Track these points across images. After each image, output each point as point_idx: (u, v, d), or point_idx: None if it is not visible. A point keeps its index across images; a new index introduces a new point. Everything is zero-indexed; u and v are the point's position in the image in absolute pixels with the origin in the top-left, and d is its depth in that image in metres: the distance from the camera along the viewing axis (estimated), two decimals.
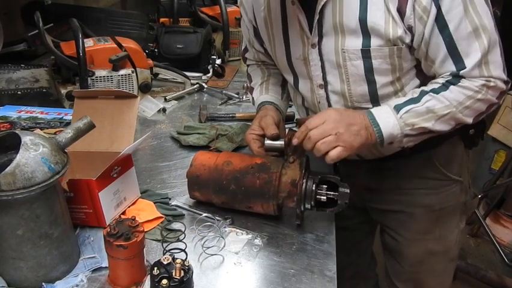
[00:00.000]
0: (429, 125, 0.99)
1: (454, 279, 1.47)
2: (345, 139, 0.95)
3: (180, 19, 2.33)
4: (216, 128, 1.47)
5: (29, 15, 1.75)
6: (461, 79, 0.98)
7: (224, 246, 1.01)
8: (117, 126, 1.19)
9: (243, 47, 1.41)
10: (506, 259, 2.49)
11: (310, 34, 1.05)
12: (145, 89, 1.69)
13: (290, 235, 1.06)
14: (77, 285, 0.88)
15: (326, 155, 0.97)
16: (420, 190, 1.25)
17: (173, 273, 0.80)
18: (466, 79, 0.98)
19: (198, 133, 1.47)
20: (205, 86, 1.91)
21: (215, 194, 1.08)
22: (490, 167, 2.89)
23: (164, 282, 0.79)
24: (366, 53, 1.00)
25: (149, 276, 0.83)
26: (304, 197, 1.02)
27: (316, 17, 1.01)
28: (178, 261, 0.81)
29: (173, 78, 1.91)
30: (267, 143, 1.13)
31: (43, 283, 0.87)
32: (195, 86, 1.89)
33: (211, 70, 2.07)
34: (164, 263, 0.81)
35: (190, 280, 0.83)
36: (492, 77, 0.97)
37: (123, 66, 1.62)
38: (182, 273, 0.81)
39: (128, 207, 1.09)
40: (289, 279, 0.93)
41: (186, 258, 0.85)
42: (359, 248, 1.58)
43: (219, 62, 2.14)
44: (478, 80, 0.97)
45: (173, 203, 1.15)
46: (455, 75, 0.98)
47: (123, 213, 1.07)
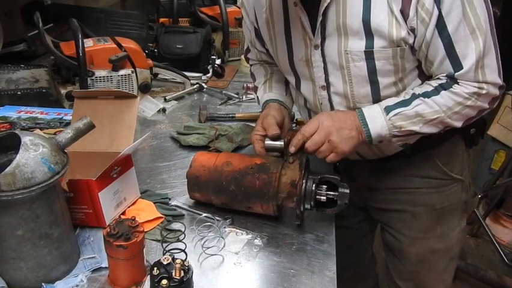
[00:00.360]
0: (416, 128, 1.02)
1: (454, 279, 1.47)
2: (336, 146, 1.03)
3: (180, 19, 2.33)
4: (216, 128, 1.47)
5: (29, 15, 1.75)
6: (453, 84, 0.99)
7: (224, 246, 1.01)
8: (117, 126, 1.19)
9: (245, 47, 1.41)
10: (506, 259, 2.49)
11: (313, 35, 1.05)
12: (145, 89, 1.69)
13: (290, 235, 1.06)
14: (77, 286, 0.88)
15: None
16: (421, 189, 1.26)
17: (173, 274, 0.80)
18: (458, 84, 0.99)
19: (198, 133, 1.47)
20: (205, 86, 1.91)
21: (215, 194, 1.08)
22: (490, 167, 2.90)
23: (164, 282, 0.79)
24: (369, 55, 1.00)
25: (149, 276, 0.83)
26: (304, 198, 1.02)
27: (320, 18, 1.01)
28: (178, 261, 0.81)
29: (173, 78, 1.91)
30: (267, 143, 1.13)
31: (43, 283, 0.87)
32: (195, 86, 1.89)
33: (211, 70, 2.07)
34: (164, 263, 0.81)
35: (190, 280, 0.83)
36: (486, 82, 0.98)
37: (123, 67, 1.62)
38: (182, 274, 0.81)
39: (128, 207, 1.09)
40: (289, 279, 0.93)
41: (186, 258, 0.85)
42: (359, 247, 1.58)
43: (218, 62, 2.14)
44: (471, 85, 0.98)
45: (173, 203, 1.15)
46: (451, 77, 0.99)
47: (123, 213, 1.07)
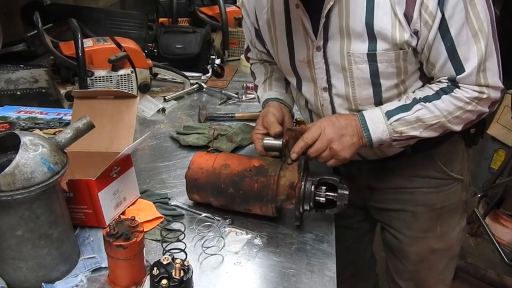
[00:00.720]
0: (416, 133, 1.03)
1: (453, 279, 1.47)
2: (337, 153, 1.04)
3: (179, 19, 2.33)
4: (214, 129, 1.47)
5: (29, 15, 1.74)
6: (455, 88, 1.00)
7: (224, 246, 1.01)
8: (116, 126, 1.19)
9: (245, 47, 1.41)
10: (505, 258, 2.49)
11: (315, 37, 1.05)
12: (145, 89, 1.69)
13: (290, 235, 1.06)
14: (76, 286, 0.88)
15: None
16: (422, 189, 1.26)
17: (173, 273, 0.80)
18: (459, 88, 0.99)
19: (197, 133, 1.47)
20: (205, 86, 1.91)
21: (213, 197, 1.08)
22: (490, 166, 2.90)
23: (164, 282, 0.79)
24: (372, 57, 1.00)
25: (149, 276, 0.83)
26: (303, 199, 1.02)
27: (323, 20, 1.01)
28: (178, 261, 0.81)
29: (173, 78, 1.91)
30: (265, 141, 1.13)
31: (43, 283, 0.87)
32: (194, 86, 1.89)
33: (211, 70, 2.07)
34: (164, 263, 0.81)
35: (190, 280, 0.83)
36: (487, 86, 0.98)
37: (122, 67, 1.62)
38: (182, 273, 0.81)
39: (128, 207, 1.09)
40: (289, 279, 0.93)
41: (186, 258, 0.85)
42: (359, 247, 1.58)
43: (218, 62, 2.15)
44: (472, 89, 0.98)
45: (173, 203, 1.15)
46: (452, 80, 0.99)
47: (123, 213, 1.07)
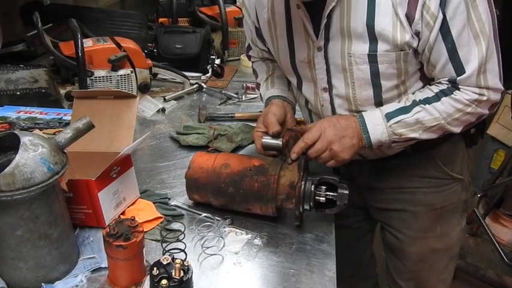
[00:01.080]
0: (416, 135, 1.03)
1: (453, 279, 1.47)
2: (337, 154, 1.04)
3: (179, 19, 2.33)
4: (214, 129, 1.47)
5: (28, 15, 1.74)
6: (455, 90, 1.00)
7: (223, 246, 1.01)
8: (116, 126, 1.19)
9: (246, 45, 1.40)
10: (505, 258, 2.49)
11: (316, 37, 1.05)
12: (144, 89, 1.69)
13: (290, 235, 1.06)
14: (76, 286, 0.88)
15: None
16: (422, 189, 1.26)
17: (173, 273, 0.80)
18: (459, 90, 0.99)
19: (197, 133, 1.47)
20: (204, 86, 1.91)
21: (213, 196, 1.08)
22: (490, 166, 2.90)
23: (163, 282, 0.79)
24: (372, 58, 1.00)
25: (148, 276, 0.83)
26: (303, 199, 1.02)
27: (324, 21, 1.01)
28: (178, 261, 0.81)
29: (173, 78, 1.91)
30: (264, 140, 1.12)
31: (43, 283, 0.87)
32: (194, 86, 1.89)
33: (210, 70, 2.07)
34: (164, 263, 0.81)
35: (190, 280, 0.83)
36: (487, 88, 0.98)
37: (122, 67, 1.62)
38: (182, 273, 0.81)
39: (128, 207, 1.09)
40: (289, 279, 0.93)
41: (186, 258, 0.85)
42: (359, 247, 1.58)
43: (218, 62, 2.14)
44: (472, 91, 0.98)
45: (173, 203, 1.15)
46: (453, 81, 0.99)
47: (122, 213, 1.07)
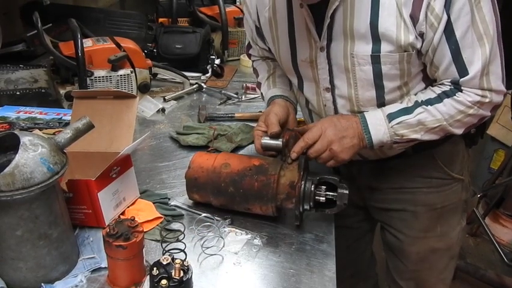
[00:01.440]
0: (418, 136, 1.03)
1: (453, 279, 1.47)
2: (337, 155, 1.04)
3: (179, 19, 2.33)
4: (214, 129, 1.47)
5: (28, 15, 1.74)
6: (457, 92, 1.00)
7: (223, 246, 1.01)
8: (116, 126, 1.19)
9: (247, 43, 1.40)
10: (505, 258, 2.49)
11: (318, 37, 1.04)
12: (144, 89, 1.69)
13: (289, 235, 1.06)
14: (76, 286, 0.88)
15: None
16: (422, 189, 1.26)
17: (173, 274, 0.80)
18: (462, 92, 0.99)
19: (197, 133, 1.47)
20: (204, 86, 1.91)
21: (213, 196, 1.08)
22: (489, 167, 2.90)
23: (163, 282, 0.79)
24: (375, 59, 1.00)
25: (148, 276, 0.83)
26: (302, 199, 1.02)
27: (327, 21, 1.00)
28: (178, 261, 0.81)
29: (172, 78, 1.91)
30: (264, 141, 1.12)
31: (42, 283, 0.87)
32: (194, 86, 1.89)
33: (210, 70, 2.07)
34: (164, 263, 0.81)
35: (190, 280, 0.83)
36: (490, 90, 0.98)
37: (122, 67, 1.62)
38: (182, 274, 0.81)
39: (128, 207, 1.09)
40: (289, 279, 0.93)
41: (185, 258, 0.85)
42: (359, 247, 1.58)
43: (217, 62, 2.15)
44: (475, 93, 0.98)
45: (173, 203, 1.15)
46: (455, 83, 0.99)
47: (122, 213, 1.07)
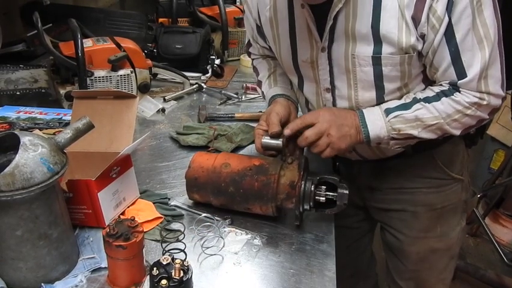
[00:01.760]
0: (415, 132, 1.02)
1: (453, 279, 1.47)
2: (334, 141, 1.02)
3: (179, 19, 2.33)
4: (214, 129, 1.47)
5: (28, 15, 1.74)
6: (455, 92, 1.00)
7: (223, 246, 1.01)
8: (116, 126, 1.19)
9: (247, 41, 1.39)
10: (505, 258, 2.49)
11: (320, 38, 1.04)
12: (144, 89, 1.69)
13: (289, 235, 1.06)
14: (76, 286, 0.88)
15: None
16: (422, 189, 1.26)
17: (173, 274, 0.80)
18: (460, 92, 0.99)
19: (197, 133, 1.47)
20: (204, 86, 1.91)
21: (213, 196, 1.08)
22: (489, 167, 2.90)
23: (163, 282, 0.79)
24: (376, 60, 1.00)
25: (148, 276, 0.83)
26: (303, 199, 1.02)
27: (330, 22, 1.00)
28: (178, 261, 0.81)
29: (172, 78, 1.91)
30: (264, 141, 1.11)
31: (42, 283, 0.87)
32: (194, 86, 1.89)
33: (210, 70, 2.07)
34: (164, 263, 0.81)
35: (190, 280, 0.83)
36: (488, 93, 0.98)
37: (122, 67, 1.62)
38: (182, 274, 0.81)
39: (128, 207, 1.09)
40: (289, 279, 0.93)
41: (185, 258, 0.85)
42: (359, 247, 1.58)
43: (218, 62, 2.15)
44: (472, 94, 0.98)
45: (173, 203, 1.15)
46: (453, 84, 0.99)
47: (122, 213, 1.07)
